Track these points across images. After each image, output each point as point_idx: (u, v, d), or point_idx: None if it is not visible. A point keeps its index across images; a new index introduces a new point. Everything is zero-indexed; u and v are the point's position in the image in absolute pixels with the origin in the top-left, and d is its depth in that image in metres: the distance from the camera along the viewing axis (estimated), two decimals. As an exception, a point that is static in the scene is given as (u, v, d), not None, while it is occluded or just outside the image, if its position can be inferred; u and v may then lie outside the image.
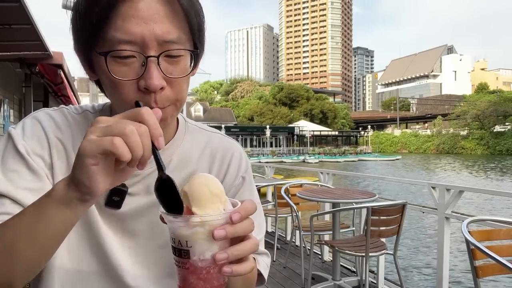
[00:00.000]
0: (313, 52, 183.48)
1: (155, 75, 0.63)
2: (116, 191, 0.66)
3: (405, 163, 44.81)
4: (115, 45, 0.62)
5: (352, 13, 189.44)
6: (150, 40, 0.63)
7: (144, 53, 0.63)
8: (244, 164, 0.86)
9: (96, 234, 0.74)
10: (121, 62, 0.64)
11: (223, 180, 0.83)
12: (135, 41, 0.62)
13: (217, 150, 0.84)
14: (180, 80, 0.68)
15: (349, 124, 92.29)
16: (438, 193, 3.37)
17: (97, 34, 0.63)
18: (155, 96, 0.65)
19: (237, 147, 0.88)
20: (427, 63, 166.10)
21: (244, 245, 0.53)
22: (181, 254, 0.51)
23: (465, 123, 69.49)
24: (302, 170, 6.96)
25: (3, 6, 3.70)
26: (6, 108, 6.61)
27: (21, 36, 4.73)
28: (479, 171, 32.51)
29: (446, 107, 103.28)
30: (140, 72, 0.64)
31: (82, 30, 0.65)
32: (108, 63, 0.63)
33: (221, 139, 0.87)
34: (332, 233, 3.79)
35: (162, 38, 0.63)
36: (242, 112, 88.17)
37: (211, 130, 0.89)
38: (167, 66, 0.66)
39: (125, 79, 0.64)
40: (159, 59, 0.64)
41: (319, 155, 55.27)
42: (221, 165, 0.84)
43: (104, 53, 0.63)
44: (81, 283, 0.74)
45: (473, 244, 1.93)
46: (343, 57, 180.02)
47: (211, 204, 0.51)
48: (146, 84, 0.63)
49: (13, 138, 0.71)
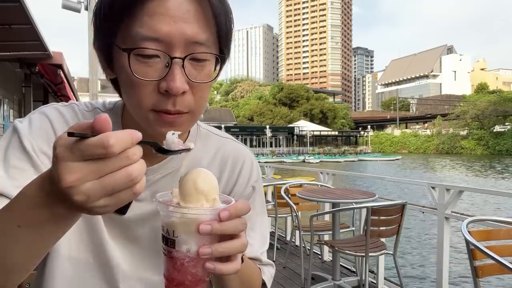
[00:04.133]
0: (313, 52, 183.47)
1: (179, 78, 0.59)
2: None
3: (405, 163, 44.82)
4: (139, 42, 0.59)
5: (352, 13, 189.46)
6: (177, 40, 0.59)
7: (170, 53, 0.59)
8: (255, 174, 0.83)
9: (98, 238, 0.71)
10: (144, 61, 0.60)
11: (232, 189, 0.81)
12: (162, 40, 0.59)
13: (228, 157, 0.81)
14: (202, 86, 0.64)
15: (349, 124, 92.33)
16: (438, 193, 3.37)
17: (121, 30, 0.60)
18: (174, 100, 0.61)
19: (249, 155, 0.84)
20: (427, 63, 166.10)
21: (230, 244, 0.52)
22: (168, 243, 0.52)
23: (465, 123, 69.59)
24: (302, 170, 6.95)
25: (3, 6, 3.71)
26: (6, 108, 6.61)
27: (21, 36, 4.73)
28: (479, 171, 32.52)
29: (446, 107, 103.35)
30: (162, 73, 0.60)
31: (105, 25, 0.62)
32: (130, 61, 0.59)
33: (233, 145, 0.84)
34: (332, 233, 3.79)
35: (190, 39, 0.60)
36: (242, 112, 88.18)
37: (223, 136, 0.85)
38: (191, 70, 0.62)
39: (146, 79, 0.60)
40: (184, 61, 0.60)
41: (319, 155, 55.29)
42: (231, 174, 0.81)
43: (128, 49, 0.59)
44: None
45: (473, 244, 1.93)
46: (343, 57, 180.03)
47: (195, 201, 0.51)
48: (168, 86, 0.59)
49: (19, 133, 0.66)
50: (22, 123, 0.68)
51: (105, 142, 0.39)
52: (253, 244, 0.78)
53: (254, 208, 0.78)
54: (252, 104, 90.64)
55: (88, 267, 0.71)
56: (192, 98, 0.63)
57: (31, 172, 0.63)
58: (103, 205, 0.42)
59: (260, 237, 0.82)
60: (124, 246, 0.73)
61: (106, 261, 0.72)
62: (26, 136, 0.65)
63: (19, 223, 0.46)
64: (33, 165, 0.64)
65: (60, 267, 0.70)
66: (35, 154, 0.65)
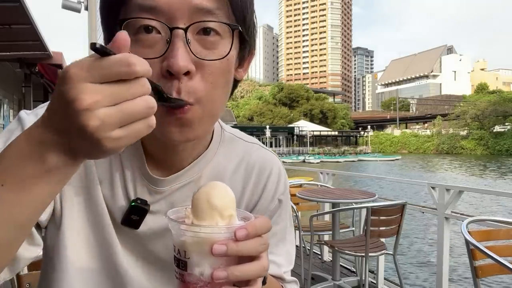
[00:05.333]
0: (313, 52, 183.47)
1: (180, 53, 0.50)
2: (136, 209, 0.60)
3: (405, 163, 44.81)
4: (135, 13, 0.51)
5: (352, 13, 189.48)
6: (178, 7, 0.50)
7: (169, 24, 0.50)
8: (282, 184, 0.75)
9: (111, 253, 0.65)
10: (145, 40, 0.51)
11: (257, 202, 0.72)
12: (160, 8, 0.50)
13: (254, 166, 0.72)
14: (214, 70, 0.53)
15: (348, 124, 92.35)
16: (438, 193, 3.37)
17: (120, 2, 0.53)
18: (178, 84, 0.51)
19: (277, 164, 0.76)
20: (426, 63, 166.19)
21: (249, 266, 0.46)
22: (179, 265, 0.47)
23: (465, 123, 69.65)
24: (301, 170, 6.95)
25: (3, 6, 3.71)
26: (6, 108, 6.61)
27: (21, 36, 4.74)
28: (479, 171, 32.52)
29: (445, 107, 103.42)
30: (164, 50, 0.51)
31: (106, 2, 0.55)
32: None
33: (259, 152, 0.74)
34: (332, 233, 3.79)
35: (195, 5, 0.51)
36: (242, 112, 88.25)
37: (249, 140, 0.76)
38: (199, 48, 0.52)
39: (146, 58, 0.46)
40: (188, 34, 0.51)
41: (318, 155, 55.30)
42: (257, 184, 0.72)
43: (120, 20, 0.51)
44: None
45: (472, 244, 1.93)
46: (342, 57, 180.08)
47: (209, 218, 0.46)
48: (168, 64, 0.50)
49: (24, 123, 0.60)
50: (29, 115, 0.61)
51: (130, 60, 0.36)
52: (276, 262, 0.72)
53: (279, 223, 0.74)
54: (252, 104, 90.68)
55: (100, 283, 0.66)
56: (201, 84, 0.52)
57: None
58: (117, 137, 0.37)
59: (285, 255, 0.75)
60: (138, 261, 0.67)
61: (119, 277, 0.66)
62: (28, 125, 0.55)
63: (2, 180, 0.39)
64: None
65: (69, 281, 0.64)
66: None
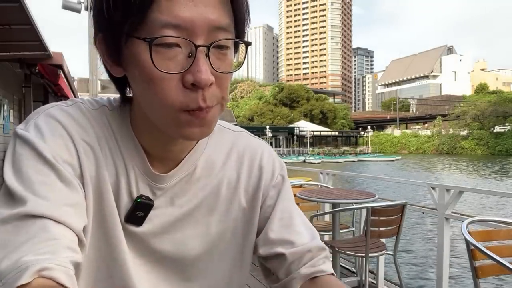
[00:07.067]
0: (313, 52, 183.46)
1: (205, 69, 0.53)
2: (142, 205, 0.60)
3: (405, 163, 44.79)
4: (159, 30, 0.51)
5: (352, 13, 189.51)
6: (200, 26, 0.52)
7: (193, 41, 0.52)
8: (278, 163, 0.76)
9: (117, 253, 0.63)
10: (163, 52, 0.52)
11: (259, 182, 0.73)
12: (183, 26, 0.51)
13: (244, 152, 0.74)
14: (225, 77, 0.58)
15: (349, 124, 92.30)
16: (438, 194, 3.37)
17: (136, 16, 0.51)
18: (203, 93, 0.54)
19: (266, 146, 0.78)
20: (427, 63, 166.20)
21: None
22: None
23: (465, 123, 69.60)
24: (300, 170, 6.95)
25: (3, 6, 3.70)
26: (6, 108, 6.61)
27: (21, 36, 4.73)
28: (478, 171, 32.50)
29: (446, 107, 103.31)
30: (185, 64, 0.53)
31: (113, 13, 0.52)
32: (152, 52, 0.51)
33: (247, 139, 0.76)
34: (332, 233, 3.79)
35: (213, 24, 0.53)
36: (242, 112, 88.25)
37: (236, 130, 0.77)
38: (215, 60, 0.55)
39: (170, 72, 0.52)
40: (209, 50, 0.54)
41: (318, 156, 55.30)
42: (252, 167, 0.73)
43: (149, 39, 0.51)
44: None
45: (473, 245, 1.93)
46: (343, 57, 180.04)
47: None
48: (195, 79, 0.52)
49: (32, 143, 0.55)
50: (29, 131, 0.57)
51: None
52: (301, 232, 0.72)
53: (290, 198, 0.75)
54: (252, 104, 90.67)
55: (104, 281, 0.64)
56: (218, 90, 0.57)
57: (60, 185, 0.54)
58: None
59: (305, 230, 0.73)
60: (141, 259, 0.66)
61: (123, 275, 0.64)
62: (42, 145, 0.55)
63: None
64: (58, 177, 0.54)
65: None
66: (59, 164, 0.55)
